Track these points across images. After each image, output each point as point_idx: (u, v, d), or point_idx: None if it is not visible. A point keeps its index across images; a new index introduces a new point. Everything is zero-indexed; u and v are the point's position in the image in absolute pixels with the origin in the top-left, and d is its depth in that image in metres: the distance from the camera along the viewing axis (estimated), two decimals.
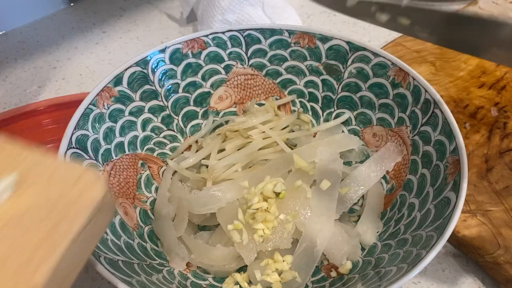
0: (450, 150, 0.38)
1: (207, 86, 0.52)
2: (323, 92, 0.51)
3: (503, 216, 0.45)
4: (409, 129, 0.44)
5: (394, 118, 0.45)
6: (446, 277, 0.44)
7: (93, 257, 0.32)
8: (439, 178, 0.38)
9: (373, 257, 0.39)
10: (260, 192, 0.39)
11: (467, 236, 0.43)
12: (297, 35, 0.49)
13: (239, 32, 0.50)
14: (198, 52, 0.50)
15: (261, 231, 0.38)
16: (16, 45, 0.74)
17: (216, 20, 0.66)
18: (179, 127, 0.51)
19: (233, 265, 0.40)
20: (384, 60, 0.45)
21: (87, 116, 0.42)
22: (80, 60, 0.71)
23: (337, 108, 0.50)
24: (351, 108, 0.49)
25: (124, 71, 0.45)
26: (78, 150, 0.40)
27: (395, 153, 0.44)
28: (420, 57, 0.63)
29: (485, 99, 0.57)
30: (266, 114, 0.50)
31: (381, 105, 0.47)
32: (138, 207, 0.44)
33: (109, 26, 0.77)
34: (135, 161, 0.46)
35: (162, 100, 0.49)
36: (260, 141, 0.47)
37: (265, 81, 0.52)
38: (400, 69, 0.44)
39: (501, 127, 0.53)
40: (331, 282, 0.39)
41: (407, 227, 0.38)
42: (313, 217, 0.40)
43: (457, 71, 0.61)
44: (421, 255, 0.33)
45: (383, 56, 0.45)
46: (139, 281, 0.34)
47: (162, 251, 0.42)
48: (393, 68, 0.45)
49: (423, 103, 0.42)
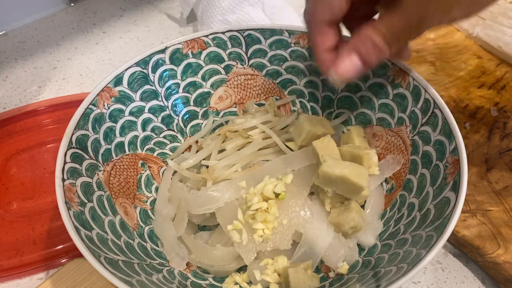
0: (450, 150, 0.38)
1: (207, 86, 0.52)
2: (323, 92, 0.51)
3: (503, 216, 0.45)
4: (409, 129, 0.44)
5: (394, 118, 0.45)
6: (446, 277, 0.44)
7: (93, 257, 0.32)
8: (439, 178, 0.38)
9: (373, 257, 0.39)
10: (260, 192, 0.39)
11: (467, 236, 0.43)
12: (297, 35, 0.49)
13: (239, 32, 0.50)
14: (198, 52, 0.50)
15: (260, 231, 0.38)
16: (16, 45, 0.74)
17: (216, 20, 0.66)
18: (179, 127, 0.51)
19: (233, 265, 0.40)
20: (384, 60, 0.45)
21: (87, 116, 0.42)
22: (80, 60, 0.71)
23: (337, 108, 0.50)
24: (351, 108, 0.49)
25: (124, 71, 0.45)
26: (78, 150, 0.40)
27: (393, 164, 0.44)
28: (420, 57, 0.63)
29: (485, 99, 0.57)
30: (266, 114, 0.50)
31: (381, 105, 0.47)
32: (138, 207, 0.44)
33: (109, 26, 0.77)
34: (135, 161, 0.46)
35: (162, 100, 0.49)
36: (260, 141, 0.47)
37: (265, 81, 0.52)
38: (400, 69, 0.44)
39: (501, 127, 0.53)
40: (331, 282, 0.39)
41: (407, 227, 0.38)
42: (313, 222, 0.40)
43: (457, 71, 0.61)
44: (420, 255, 0.33)
45: None
46: (139, 281, 0.34)
47: (162, 251, 0.42)
48: (393, 68, 0.45)
49: (423, 103, 0.42)
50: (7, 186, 0.52)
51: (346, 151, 0.42)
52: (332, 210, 0.41)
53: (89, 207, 0.38)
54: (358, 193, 0.38)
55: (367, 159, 0.40)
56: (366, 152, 0.40)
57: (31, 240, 0.47)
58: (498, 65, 0.62)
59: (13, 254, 0.46)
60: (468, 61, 0.62)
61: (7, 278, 0.45)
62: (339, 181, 0.38)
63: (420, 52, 0.63)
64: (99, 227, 0.37)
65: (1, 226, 0.48)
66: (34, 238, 0.47)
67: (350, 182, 0.37)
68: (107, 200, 0.40)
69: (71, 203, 0.36)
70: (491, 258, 0.42)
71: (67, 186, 0.37)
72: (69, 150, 0.39)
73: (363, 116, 0.48)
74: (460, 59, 0.63)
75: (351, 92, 0.49)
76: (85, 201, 0.38)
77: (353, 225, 0.39)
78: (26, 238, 0.47)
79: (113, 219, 0.39)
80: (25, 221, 0.49)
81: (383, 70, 0.46)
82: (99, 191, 0.40)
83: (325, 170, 0.38)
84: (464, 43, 0.66)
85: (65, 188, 0.36)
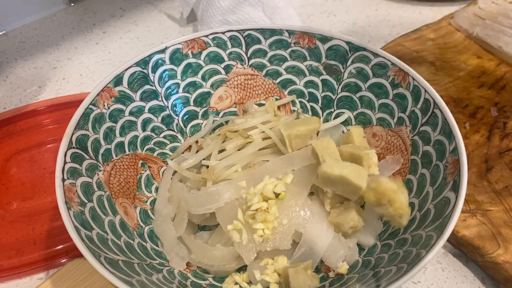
0: (450, 150, 0.38)
1: (207, 86, 0.52)
2: (323, 92, 0.51)
3: (503, 216, 0.45)
4: (409, 129, 0.44)
5: (394, 118, 0.45)
6: (446, 277, 0.44)
7: (93, 257, 0.32)
8: (439, 178, 0.38)
9: (373, 257, 0.39)
10: (260, 192, 0.39)
11: (466, 236, 0.43)
12: (297, 35, 0.49)
13: (239, 32, 0.50)
14: (198, 52, 0.50)
15: (260, 231, 0.38)
16: (16, 45, 0.74)
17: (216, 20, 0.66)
18: (179, 127, 0.51)
19: (233, 265, 0.40)
20: (384, 60, 0.45)
21: (87, 116, 0.42)
22: (80, 60, 0.71)
23: (337, 108, 0.50)
24: (351, 108, 0.49)
25: (124, 71, 0.45)
26: (78, 150, 0.40)
27: (393, 164, 0.44)
28: (420, 57, 0.63)
29: (485, 99, 0.57)
30: (266, 114, 0.50)
31: (381, 105, 0.47)
32: (138, 207, 0.44)
33: (109, 26, 0.77)
34: (135, 161, 0.46)
35: (162, 100, 0.49)
36: (260, 141, 0.47)
37: (265, 81, 0.52)
38: (400, 69, 0.44)
39: (500, 127, 0.53)
40: (331, 282, 0.39)
41: (406, 227, 0.38)
42: (313, 222, 0.40)
43: (457, 71, 0.61)
44: (420, 254, 0.33)
45: (383, 56, 0.45)
46: (139, 281, 0.34)
47: (162, 251, 0.42)
48: (393, 68, 0.45)
49: (422, 103, 0.42)
50: (7, 186, 0.52)
51: (346, 151, 0.42)
52: (332, 210, 0.41)
53: (89, 207, 0.38)
54: (358, 193, 0.38)
55: (366, 159, 0.40)
56: (366, 152, 0.40)
57: (31, 240, 0.47)
58: (498, 65, 0.62)
59: (13, 254, 0.46)
60: (468, 61, 0.62)
61: (7, 278, 0.45)
62: (338, 182, 0.38)
63: (420, 52, 0.63)
64: (99, 227, 0.37)
65: (1, 226, 0.48)
66: (34, 238, 0.47)
67: (350, 183, 0.37)
68: (107, 200, 0.40)
69: (71, 203, 0.36)
70: (491, 258, 0.42)
71: (67, 186, 0.37)
72: (69, 150, 0.39)
73: (363, 116, 0.48)
74: (460, 59, 0.63)
75: (351, 92, 0.49)
76: (85, 201, 0.38)
77: (353, 225, 0.39)
78: (26, 238, 0.47)
79: (113, 219, 0.39)
80: (25, 221, 0.49)
81: (383, 70, 0.46)
82: (99, 191, 0.40)
83: (325, 170, 0.38)
84: (464, 43, 0.66)
85: (65, 188, 0.36)
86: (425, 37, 0.66)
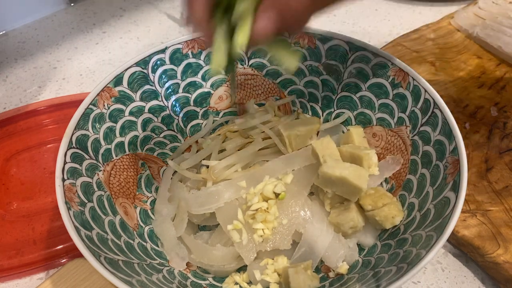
0: (450, 150, 0.38)
1: (207, 86, 0.52)
2: (323, 92, 0.51)
3: (503, 216, 0.45)
4: (409, 129, 0.44)
5: (394, 118, 0.45)
6: (446, 277, 0.44)
7: (93, 257, 0.32)
8: (439, 178, 0.38)
9: (373, 257, 0.39)
10: (260, 192, 0.39)
11: (466, 236, 0.43)
12: (297, 35, 0.49)
13: None
14: (198, 52, 0.50)
15: (260, 231, 0.38)
16: (16, 45, 0.74)
17: None
18: (179, 127, 0.51)
19: (232, 265, 0.40)
20: (384, 60, 0.45)
21: (87, 116, 0.42)
22: (80, 60, 0.71)
23: (337, 108, 0.50)
24: (351, 108, 0.49)
25: (124, 71, 0.45)
26: (78, 150, 0.40)
27: (393, 164, 0.44)
28: (420, 57, 0.63)
29: (485, 99, 0.57)
30: (266, 114, 0.50)
31: (381, 105, 0.47)
32: (138, 207, 0.44)
33: (109, 26, 0.77)
34: (135, 161, 0.46)
35: (162, 100, 0.49)
36: (260, 141, 0.47)
37: (265, 81, 0.52)
38: (400, 69, 0.44)
39: (500, 127, 0.53)
40: (331, 282, 0.39)
41: (406, 227, 0.38)
42: (313, 222, 0.40)
43: (457, 71, 0.61)
44: (420, 254, 0.33)
45: (383, 56, 0.45)
46: (139, 281, 0.34)
47: (162, 251, 0.42)
48: (393, 68, 0.45)
49: (422, 103, 0.42)
50: (7, 186, 0.52)
51: (346, 151, 0.42)
52: (332, 210, 0.41)
53: (89, 207, 0.38)
54: (358, 195, 0.38)
55: (367, 159, 0.40)
56: (366, 152, 0.40)
57: (31, 240, 0.47)
58: (498, 65, 0.62)
59: (13, 254, 0.46)
60: (468, 61, 0.62)
61: (7, 278, 0.45)
62: (338, 182, 0.38)
63: (420, 52, 0.63)
64: (99, 227, 0.37)
65: (1, 226, 0.48)
66: (34, 238, 0.47)
67: (350, 184, 0.37)
68: (107, 200, 0.40)
69: (71, 203, 0.36)
70: (491, 258, 0.42)
71: (67, 186, 0.37)
72: (69, 150, 0.39)
73: (363, 116, 0.48)
74: (460, 59, 0.63)
75: (351, 92, 0.49)
76: (85, 201, 0.38)
77: (353, 225, 0.39)
78: (26, 238, 0.47)
79: (113, 219, 0.39)
80: (25, 221, 0.49)
81: (383, 70, 0.46)
82: (99, 191, 0.40)
83: (325, 171, 0.38)
84: (464, 43, 0.66)
85: (65, 188, 0.36)
86: (425, 37, 0.66)
